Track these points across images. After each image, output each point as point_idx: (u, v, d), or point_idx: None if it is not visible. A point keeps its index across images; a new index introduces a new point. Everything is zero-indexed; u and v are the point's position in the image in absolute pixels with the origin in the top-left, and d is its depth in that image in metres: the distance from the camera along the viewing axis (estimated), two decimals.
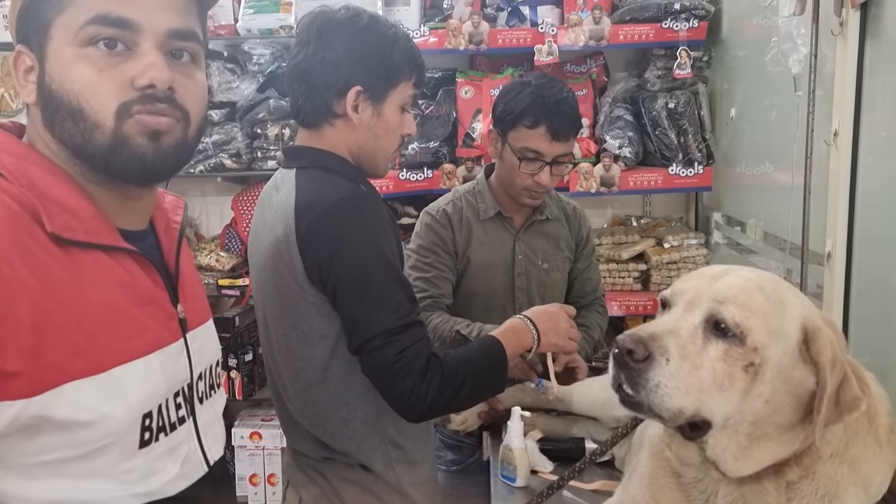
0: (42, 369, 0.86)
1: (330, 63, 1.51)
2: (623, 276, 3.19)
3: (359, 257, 1.43)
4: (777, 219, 2.34)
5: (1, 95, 3.16)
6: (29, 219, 0.89)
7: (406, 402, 1.44)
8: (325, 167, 1.54)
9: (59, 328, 0.88)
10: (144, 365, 0.97)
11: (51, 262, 0.89)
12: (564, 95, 2.08)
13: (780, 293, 1.06)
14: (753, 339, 1.01)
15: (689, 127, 3.04)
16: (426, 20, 3.17)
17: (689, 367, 1.01)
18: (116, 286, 0.97)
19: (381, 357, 1.42)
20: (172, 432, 1.03)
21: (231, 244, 3.30)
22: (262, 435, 3.34)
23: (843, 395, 1.00)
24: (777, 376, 1.02)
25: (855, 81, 1.78)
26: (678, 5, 2.95)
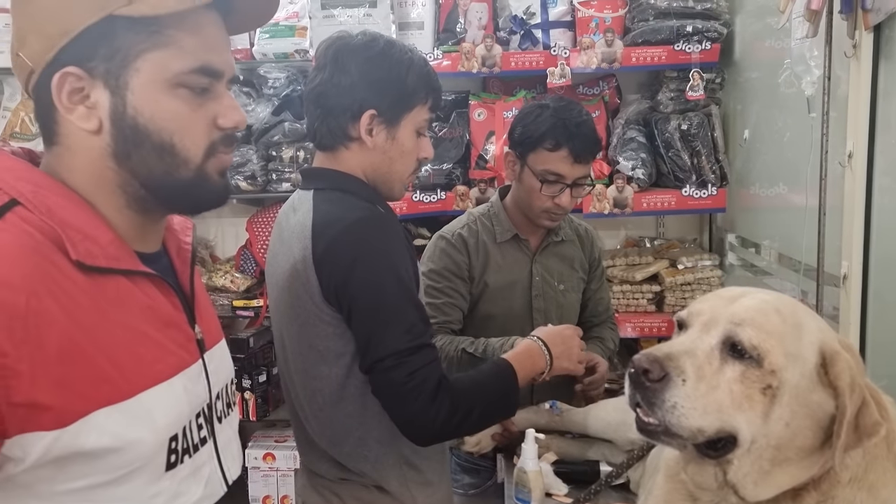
0: (71, 399, 0.86)
1: (345, 87, 1.52)
2: (637, 298, 3.18)
3: (373, 278, 1.44)
4: (792, 240, 2.33)
5: (21, 119, 3.21)
6: (52, 247, 0.89)
7: (415, 425, 1.45)
8: (343, 188, 1.55)
9: (86, 357, 0.88)
10: (169, 388, 0.98)
11: (75, 291, 0.89)
12: (584, 118, 2.09)
13: (797, 316, 1.06)
14: (770, 362, 1.01)
15: (702, 148, 3.03)
16: (439, 43, 3.19)
17: (706, 388, 1.01)
18: (138, 311, 0.97)
19: (391, 378, 1.42)
20: (195, 453, 1.03)
21: (246, 265, 3.32)
22: (276, 456, 3.33)
23: (862, 419, 0.99)
24: (795, 399, 1.01)
25: (869, 103, 1.78)
26: (690, 28, 2.96)
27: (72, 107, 0.94)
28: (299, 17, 3.20)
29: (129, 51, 0.93)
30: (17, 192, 0.91)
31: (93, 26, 0.91)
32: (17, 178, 0.93)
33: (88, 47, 0.92)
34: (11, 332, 0.81)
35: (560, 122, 2.04)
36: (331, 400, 1.53)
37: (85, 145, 0.96)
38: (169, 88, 0.96)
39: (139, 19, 0.92)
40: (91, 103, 0.94)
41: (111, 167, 0.97)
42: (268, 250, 1.67)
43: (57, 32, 0.91)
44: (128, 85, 0.94)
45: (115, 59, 0.93)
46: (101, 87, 0.94)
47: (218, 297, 3.26)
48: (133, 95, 0.94)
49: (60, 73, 0.92)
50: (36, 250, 0.87)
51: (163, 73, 0.95)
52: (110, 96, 0.94)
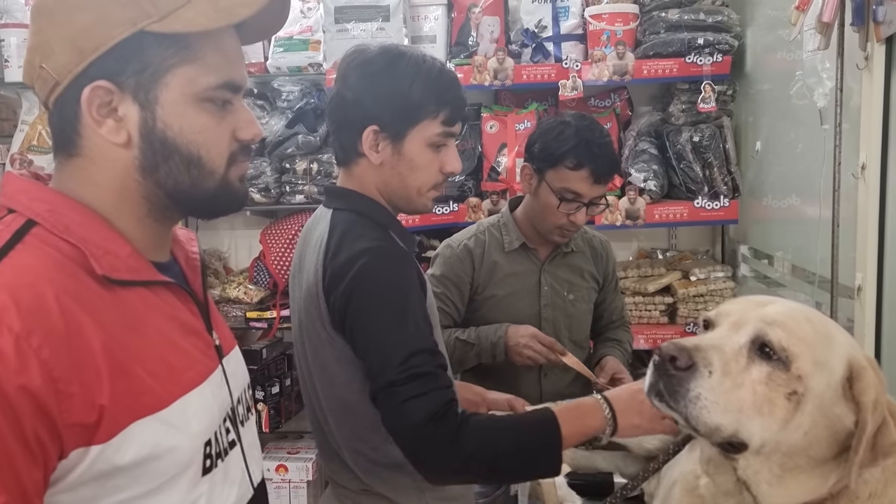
0: (114, 413, 0.87)
1: (349, 102, 1.51)
2: (649, 310, 3.18)
3: (366, 312, 1.41)
4: (805, 252, 2.33)
5: (38, 132, 3.24)
6: (74, 266, 0.90)
7: (417, 460, 1.37)
8: (359, 211, 1.53)
9: (124, 369, 0.89)
10: (200, 394, 0.99)
11: (104, 306, 0.90)
12: (606, 139, 2.10)
13: (827, 327, 1.05)
14: (798, 367, 1.00)
15: (714, 160, 3.04)
16: (452, 56, 3.22)
17: (731, 385, 0.99)
18: (163, 320, 0.98)
19: (386, 408, 1.38)
20: (226, 457, 1.05)
21: (259, 277, 3.33)
22: (289, 468, 3.34)
23: (880, 439, 0.98)
24: (818, 409, 1.01)
25: (882, 115, 1.78)
26: (701, 40, 2.97)
27: (101, 120, 0.94)
28: (313, 31, 3.24)
29: (160, 66, 0.95)
30: (33, 212, 0.92)
31: (124, 41, 0.92)
32: (30, 198, 0.94)
33: (119, 61, 0.93)
34: (58, 356, 0.82)
35: (583, 141, 2.04)
36: (344, 421, 1.54)
37: (110, 157, 0.97)
38: (196, 103, 0.97)
39: (170, 35, 0.94)
40: (119, 117, 0.95)
41: (137, 179, 0.98)
42: (292, 262, 1.67)
43: (89, 47, 0.92)
44: (157, 99, 0.95)
45: (146, 73, 0.94)
46: (129, 100, 0.95)
47: (231, 308, 3.28)
48: (162, 110, 0.96)
49: (92, 86, 0.93)
50: (61, 269, 0.88)
51: (191, 87, 0.96)
52: (139, 110, 0.95)
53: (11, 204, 0.93)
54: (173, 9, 0.93)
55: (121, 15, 0.92)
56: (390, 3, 3.08)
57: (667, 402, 1.02)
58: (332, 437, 1.59)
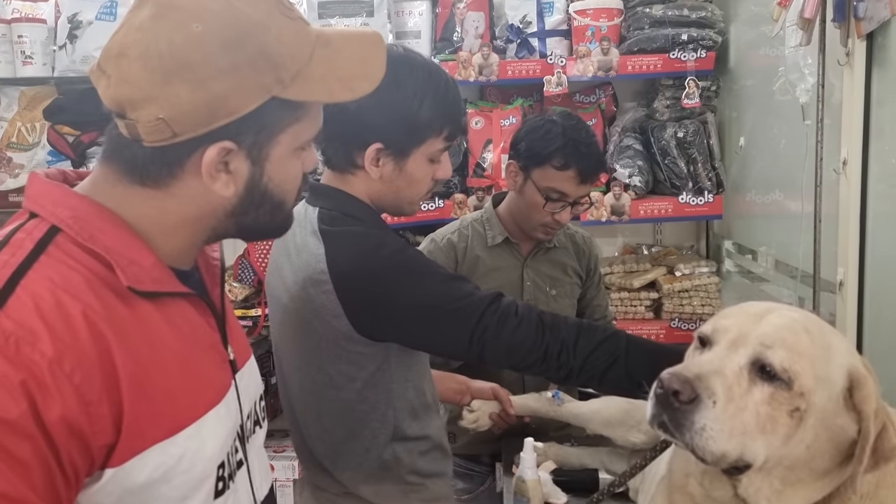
0: (134, 436, 0.86)
1: (352, 115, 1.41)
2: (635, 305, 3.19)
3: (415, 304, 1.43)
4: (788, 247, 2.34)
5: (18, 129, 3.21)
6: (98, 281, 0.88)
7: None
8: (347, 212, 1.50)
9: (145, 392, 0.88)
10: (216, 414, 0.99)
11: (127, 325, 0.88)
12: (593, 139, 2.10)
13: (825, 337, 1.04)
14: (801, 384, 0.98)
15: (698, 156, 3.05)
16: (436, 52, 3.21)
17: (735, 410, 0.98)
18: (183, 335, 0.97)
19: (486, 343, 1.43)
20: (235, 477, 1.04)
21: (244, 275, 3.31)
22: (275, 466, 3.32)
23: (881, 444, 0.98)
24: (820, 422, 1.00)
25: (863, 110, 1.79)
26: (685, 36, 2.97)
27: (216, 176, 0.95)
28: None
29: (276, 126, 0.97)
30: (57, 218, 0.90)
31: (253, 109, 0.92)
32: (55, 203, 0.92)
33: (245, 124, 0.93)
34: (90, 380, 0.82)
35: (570, 142, 2.03)
36: (337, 423, 1.53)
37: (202, 202, 0.97)
38: (295, 154, 1.02)
39: (294, 101, 0.96)
40: (231, 171, 0.96)
41: (220, 219, 1.00)
42: (270, 260, 1.65)
43: (223, 113, 0.90)
44: (268, 156, 0.98)
45: (263, 133, 0.96)
46: (243, 157, 0.96)
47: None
48: (270, 165, 0.98)
49: (218, 147, 0.92)
50: (88, 285, 0.87)
51: (296, 142, 1.01)
52: (250, 166, 0.97)
53: (35, 208, 0.92)
54: (297, 70, 0.94)
55: (257, 82, 0.91)
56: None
57: (671, 433, 1.01)
58: (312, 442, 1.58)
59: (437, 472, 1.62)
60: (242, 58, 0.90)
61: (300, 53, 0.95)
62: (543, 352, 1.43)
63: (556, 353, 1.43)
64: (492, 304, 1.43)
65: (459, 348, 1.44)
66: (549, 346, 1.43)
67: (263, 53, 0.91)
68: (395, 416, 1.53)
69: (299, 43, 0.95)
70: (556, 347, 1.43)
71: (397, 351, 1.50)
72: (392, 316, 1.42)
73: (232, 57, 0.89)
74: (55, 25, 3.19)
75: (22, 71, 3.15)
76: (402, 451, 1.55)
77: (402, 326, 1.44)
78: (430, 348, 1.52)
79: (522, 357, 1.44)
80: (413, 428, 1.56)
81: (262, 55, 0.91)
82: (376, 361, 1.49)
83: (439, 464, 1.63)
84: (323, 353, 1.48)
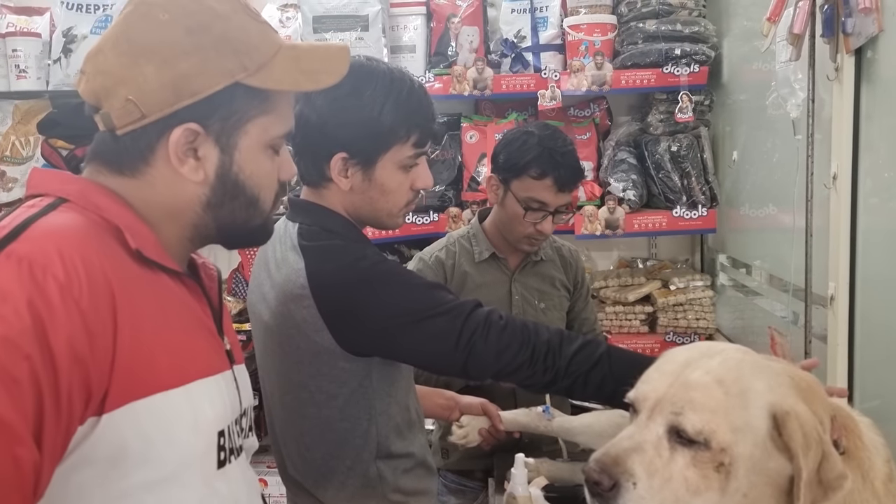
0: (131, 380, 0.88)
1: (313, 126, 1.43)
2: (629, 319, 3.19)
3: (399, 315, 1.42)
4: (781, 261, 2.34)
5: (12, 143, 3.22)
6: (107, 234, 0.93)
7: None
8: (326, 227, 1.49)
9: (144, 341, 0.90)
10: (216, 383, 1.02)
11: (133, 275, 0.93)
12: (569, 147, 2.10)
13: (741, 382, 1.02)
14: (718, 441, 0.99)
15: (692, 170, 3.06)
16: (431, 67, 3.22)
17: (660, 482, 1.00)
18: (182, 308, 1.02)
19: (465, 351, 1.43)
20: (239, 457, 1.06)
21: (238, 289, 3.31)
22: (268, 482, 3.31)
23: (824, 474, 0.97)
24: (751, 470, 0.99)
25: (852, 125, 1.79)
26: (679, 51, 2.99)
27: (184, 159, 1.00)
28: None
29: (244, 115, 1.02)
30: (64, 192, 0.96)
31: (220, 90, 0.99)
32: (62, 181, 0.98)
33: (211, 108, 0.99)
34: (97, 309, 0.84)
35: (546, 151, 2.04)
36: (319, 441, 1.51)
37: (174, 189, 1.01)
38: (265, 149, 1.06)
39: (260, 90, 1.02)
40: (200, 157, 1.01)
41: (197, 212, 1.04)
42: (251, 277, 1.63)
43: (188, 92, 0.97)
44: (237, 145, 1.03)
45: (230, 120, 1.01)
46: (212, 143, 1.01)
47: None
48: (239, 154, 1.03)
49: (183, 128, 0.98)
50: (97, 231, 0.92)
51: (265, 136, 1.05)
52: (220, 153, 1.02)
53: (40, 189, 0.97)
54: (262, 63, 1.01)
55: (222, 65, 0.98)
56: (369, 13, 3.08)
57: None
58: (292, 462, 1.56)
59: (422, 490, 1.61)
60: (206, 41, 0.97)
61: (264, 48, 1.02)
62: (531, 353, 1.43)
63: (542, 354, 1.44)
64: (475, 309, 1.45)
65: (446, 353, 1.42)
66: (536, 347, 1.44)
67: (227, 39, 0.99)
68: (377, 432, 1.51)
69: (263, 40, 1.03)
70: (542, 349, 1.44)
71: (379, 367, 1.49)
72: (375, 327, 1.41)
73: (196, 39, 0.97)
74: (50, 39, 3.20)
75: (16, 85, 3.17)
76: (386, 469, 1.53)
77: (385, 337, 1.42)
78: (415, 358, 1.50)
79: (511, 359, 1.43)
80: (397, 445, 1.54)
81: (225, 40, 0.99)
82: (358, 377, 1.48)
83: (423, 481, 1.61)
84: (304, 369, 1.47)
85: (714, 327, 3.13)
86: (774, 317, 2.44)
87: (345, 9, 3.08)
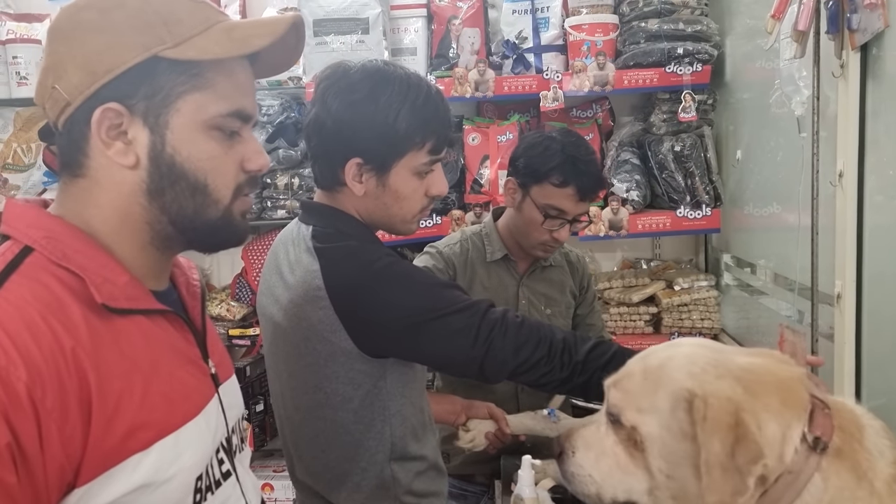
0: (106, 452, 0.86)
1: (329, 131, 1.44)
2: (634, 320, 3.17)
3: (418, 320, 1.43)
4: (786, 260, 2.33)
5: (13, 150, 3.22)
6: (71, 297, 0.89)
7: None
8: (340, 230, 1.49)
9: (115, 407, 0.88)
10: (195, 426, 0.99)
11: (101, 341, 0.89)
12: (592, 156, 2.08)
13: (663, 370, 1.08)
14: (626, 418, 1.08)
15: (695, 169, 3.04)
16: (432, 69, 3.21)
17: (595, 455, 1.13)
18: (160, 350, 0.98)
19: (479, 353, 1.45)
20: (218, 489, 1.03)
21: (241, 294, 3.31)
22: (274, 486, 3.30)
23: (739, 457, 0.97)
24: (664, 450, 1.04)
25: (858, 122, 1.78)
26: (681, 50, 2.97)
27: (110, 142, 0.96)
28: None
29: (171, 91, 0.96)
30: (29, 238, 0.92)
31: (137, 65, 0.94)
32: (28, 224, 0.94)
33: (131, 85, 0.95)
34: (64, 401, 0.82)
35: (570, 158, 2.02)
36: (333, 443, 1.51)
37: (116, 180, 0.97)
38: (205, 130, 0.99)
39: (183, 62, 0.96)
40: (129, 139, 0.96)
41: (142, 203, 0.98)
42: (261, 281, 1.63)
43: (101, 69, 0.93)
44: (168, 124, 0.97)
45: (156, 98, 0.96)
46: (139, 124, 0.96)
47: (214, 326, 3.24)
48: (172, 134, 0.97)
49: (102, 108, 0.94)
50: (60, 303, 0.87)
51: (201, 114, 0.98)
52: (149, 134, 0.96)
53: (8, 230, 0.94)
54: (189, 36, 0.96)
55: (135, 40, 0.94)
56: (370, 16, 3.07)
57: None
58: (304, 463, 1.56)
59: (433, 492, 1.61)
60: (118, 17, 0.94)
61: (192, 22, 0.97)
62: (548, 350, 1.45)
63: (559, 351, 1.45)
64: (491, 307, 1.46)
65: (464, 350, 1.43)
66: (553, 344, 1.45)
67: (142, 14, 0.95)
68: (392, 434, 1.51)
69: (193, 15, 0.98)
70: (558, 346, 1.46)
71: (394, 368, 1.49)
72: (392, 326, 1.41)
73: (107, 17, 0.94)
74: None
75: (17, 92, 3.17)
76: (400, 470, 1.53)
77: (402, 337, 1.42)
78: (433, 356, 1.49)
79: (529, 355, 1.44)
80: (412, 447, 1.55)
81: (140, 15, 0.95)
82: (373, 379, 1.47)
83: (435, 483, 1.62)
84: (319, 371, 1.46)
85: (719, 327, 3.12)
86: (780, 316, 2.43)
87: (345, 12, 3.08)
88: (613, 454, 1.10)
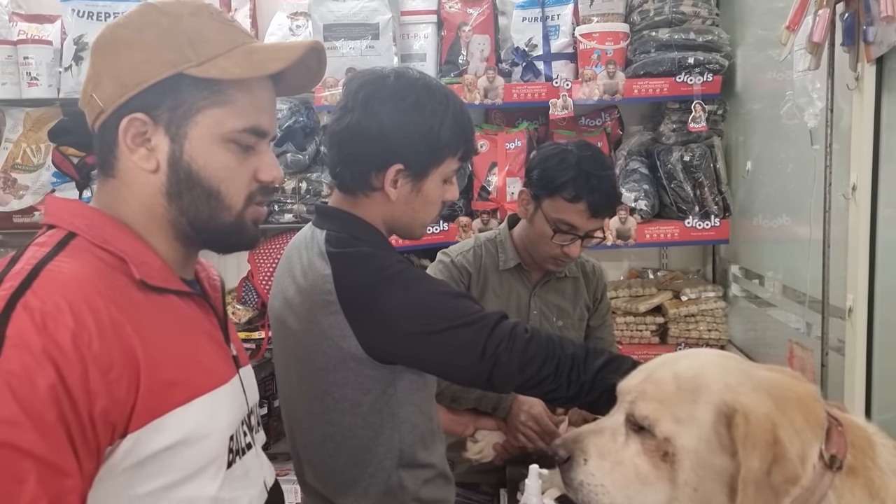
0: (151, 401, 0.95)
1: (373, 136, 1.44)
2: (640, 330, 3.16)
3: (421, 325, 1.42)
4: (796, 272, 2.32)
5: (23, 150, 3.22)
6: (113, 270, 0.99)
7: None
8: (355, 235, 1.49)
9: (158, 363, 0.97)
10: (225, 392, 1.08)
11: (140, 306, 0.99)
12: (608, 172, 2.03)
13: (697, 379, 1.04)
14: (661, 430, 1.03)
15: (704, 180, 3.03)
16: (442, 75, 3.21)
17: (611, 464, 1.07)
18: (190, 326, 1.08)
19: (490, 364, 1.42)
20: (244, 456, 1.12)
21: (247, 297, 3.30)
22: None
23: (775, 476, 0.96)
24: (697, 464, 1.00)
25: (872, 135, 1.77)
26: (692, 60, 2.97)
27: (135, 148, 1.05)
28: None
29: (192, 105, 1.05)
30: (73, 225, 1.02)
31: (164, 80, 1.03)
32: (72, 214, 1.04)
33: (156, 97, 1.04)
34: (107, 350, 0.91)
35: (583, 173, 1.97)
36: (341, 448, 1.50)
37: (141, 181, 1.07)
38: (221, 142, 1.07)
39: (205, 80, 1.05)
40: (151, 146, 1.06)
41: (162, 204, 1.08)
42: (273, 282, 1.63)
43: (132, 82, 1.03)
44: (186, 135, 1.06)
45: (179, 110, 1.05)
46: (162, 133, 1.05)
47: None
48: (190, 144, 1.06)
49: (129, 117, 1.04)
50: (102, 271, 0.98)
51: (218, 128, 1.07)
52: (170, 142, 1.06)
53: (53, 220, 1.04)
54: (212, 56, 1.05)
55: (163, 57, 1.03)
56: (380, 21, 3.07)
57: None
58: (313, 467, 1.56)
59: (440, 500, 1.60)
60: (151, 35, 1.04)
61: (217, 43, 1.06)
62: (555, 367, 1.42)
63: (567, 368, 1.43)
64: (501, 321, 1.44)
65: (470, 364, 1.41)
66: (561, 361, 1.43)
67: (173, 34, 1.05)
68: (401, 440, 1.51)
69: (219, 37, 1.07)
70: (567, 363, 1.43)
71: (404, 375, 1.49)
72: (401, 333, 1.41)
73: (142, 35, 1.05)
74: (61, 47, 3.21)
75: (27, 92, 3.17)
76: (408, 477, 1.52)
77: (410, 345, 1.42)
78: (440, 367, 1.49)
79: (535, 372, 1.42)
80: (421, 455, 1.54)
81: (171, 35, 1.04)
82: (382, 385, 1.47)
83: (442, 491, 1.61)
84: (329, 376, 1.46)
85: (726, 338, 3.11)
86: (788, 328, 2.42)
87: (355, 17, 3.07)
88: (633, 465, 1.05)
